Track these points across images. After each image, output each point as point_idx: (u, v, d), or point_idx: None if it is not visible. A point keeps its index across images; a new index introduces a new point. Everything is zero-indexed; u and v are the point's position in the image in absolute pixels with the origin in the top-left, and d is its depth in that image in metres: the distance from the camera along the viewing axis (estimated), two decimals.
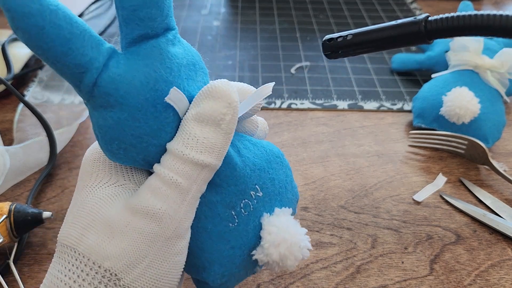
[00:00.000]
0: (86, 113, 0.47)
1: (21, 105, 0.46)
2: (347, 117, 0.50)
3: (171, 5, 0.20)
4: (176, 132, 0.21)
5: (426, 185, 0.41)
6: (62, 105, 0.49)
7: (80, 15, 0.68)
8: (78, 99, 0.50)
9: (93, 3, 0.71)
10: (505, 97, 0.46)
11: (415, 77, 0.56)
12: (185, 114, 0.21)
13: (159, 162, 0.21)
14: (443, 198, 0.40)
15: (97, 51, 0.18)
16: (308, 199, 0.39)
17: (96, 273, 0.19)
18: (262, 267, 0.26)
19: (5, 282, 0.31)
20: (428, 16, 0.22)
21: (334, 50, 0.24)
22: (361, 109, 0.51)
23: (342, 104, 0.51)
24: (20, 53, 0.53)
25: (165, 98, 0.19)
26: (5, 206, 0.32)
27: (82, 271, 0.19)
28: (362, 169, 0.43)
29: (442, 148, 0.45)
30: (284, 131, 0.47)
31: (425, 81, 0.50)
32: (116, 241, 0.19)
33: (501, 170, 0.40)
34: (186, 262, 0.23)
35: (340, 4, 0.76)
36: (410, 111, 0.51)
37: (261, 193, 0.24)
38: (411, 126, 0.48)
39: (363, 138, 0.46)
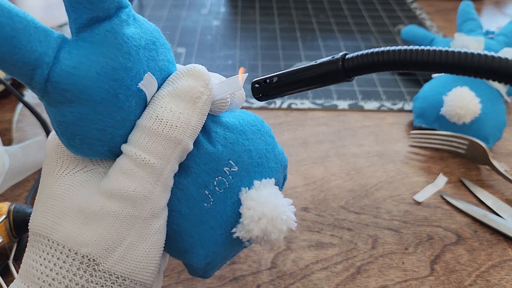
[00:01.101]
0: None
1: (20, 105, 0.46)
2: (347, 117, 0.50)
3: None
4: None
5: (426, 185, 0.41)
6: None
7: None
8: None
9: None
10: (506, 97, 0.46)
11: (415, 77, 0.56)
12: (153, 95, 0.20)
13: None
14: (444, 199, 0.39)
15: (46, 44, 0.16)
16: (308, 200, 0.39)
17: (73, 260, 0.19)
18: (250, 243, 0.25)
19: (5, 282, 0.31)
20: (345, 54, 0.22)
21: (263, 93, 0.25)
22: (361, 109, 0.51)
23: (343, 104, 0.51)
24: None
25: (139, 84, 0.19)
26: (5, 206, 0.32)
27: (58, 259, 0.19)
28: (363, 169, 0.42)
29: (443, 148, 0.45)
30: (284, 131, 0.47)
31: (426, 81, 0.50)
32: (91, 226, 0.19)
33: (502, 170, 0.40)
34: (167, 246, 0.22)
35: (340, 3, 0.76)
36: (410, 111, 0.50)
37: (236, 167, 0.23)
38: (411, 126, 0.48)
39: (363, 138, 0.46)
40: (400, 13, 0.73)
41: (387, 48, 0.20)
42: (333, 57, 0.22)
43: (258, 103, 0.51)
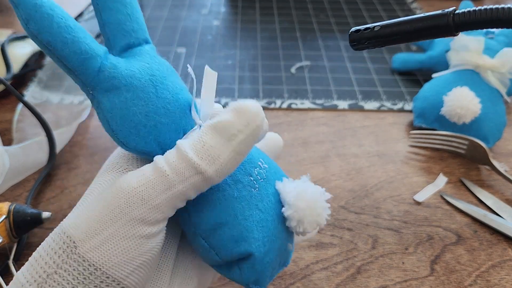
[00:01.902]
0: (86, 113, 0.47)
1: (20, 105, 0.46)
2: (347, 117, 0.50)
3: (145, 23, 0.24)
4: (183, 112, 0.22)
5: (426, 185, 0.41)
6: (61, 105, 0.49)
7: (80, 15, 0.68)
8: (77, 99, 0.50)
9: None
10: (506, 97, 0.46)
11: (415, 77, 0.56)
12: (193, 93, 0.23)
13: (170, 144, 0.21)
14: (444, 199, 0.39)
15: (96, 44, 0.20)
16: None
17: (60, 239, 0.19)
18: (293, 242, 0.26)
19: (5, 282, 0.31)
20: (455, 9, 0.22)
21: (360, 41, 0.25)
22: (361, 109, 0.51)
23: (343, 104, 0.51)
24: (20, 53, 0.52)
25: (188, 66, 0.23)
26: (5, 206, 0.32)
27: (52, 239, 0.19)
28: (363, 169, 0.42)
29: (443, 148, 0.45)
30: (284, 131, 0.47)
31: (426, 81, 0.50)
32: (84, 210, 0.19)
33: (502, 170, 0.40)
34: (223, 240, 0.22)
35: (340, 3, 0.76)
36: (410, 111, 0.50)
37: (266, 165, 0.25)
38: (411, 126, 0.48)
39: (363, 138, 0.46)
40: (400, 13, 0.73)
41: (498, 6, 0.20)
42: (443, 11, 0.22)
43: (258, 103, 0.51)
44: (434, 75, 0.48)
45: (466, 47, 0.46)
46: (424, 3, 0.77)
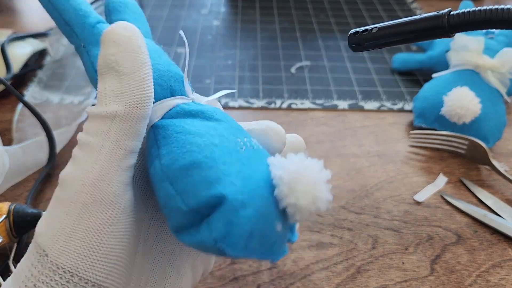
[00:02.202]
0: (85, 113, 0.47)
1: (20, 105, 0.46)
2: (347, 117, 0.50)
3: None
4: (173, 78, 0.23)
5: (426, 185, 0.41)
6: (61, 105, 0.49)
7: None
8: (77, 99, 0.50)
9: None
10: (506, 97, 0.46)
11: (415, 77, 0.56)
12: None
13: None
14: (444, 199, 0.39)
15: (94, 12, 0.24)
16: None
17: (34, 249, 0.18)
18: (284, 226, 0.20)
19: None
20: (450, 11, 0.22)
21: (359, 42, 0.25)
22: (361, 109, 0.51)
23: (343, 104, 0.51)
24: (20, 53, 0.52)
25: (180, 32, 0.24)
26: (5, 206, 0.32)
27: (29, 250, 0.18)
28: (363, 169, 0.42)
29: (443, 148, 0.45)
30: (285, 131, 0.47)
31: (426, 81, 0.50)
32: (47, 214, 0.19)
33: (502, 170, 0.40)
34: (194, 182, 0.18)
35: (340, 3, 0.76)
36: (410, 111, 0.50)
37: (255, 145, 0.21)
38: (411, 126, 0.48)
39: (363, 138, 0.46)
40: (400, 13, 0.73)
41: (492, 6, 0.21)
42: (438, 12, 0.23)
43: (258, 103, 0.51)
44: (434, 75, 0.48)
45: (466, 47, 0.46)
46: (424, 3, 0.77)
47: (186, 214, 0.18)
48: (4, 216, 0.31)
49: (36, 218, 0.32)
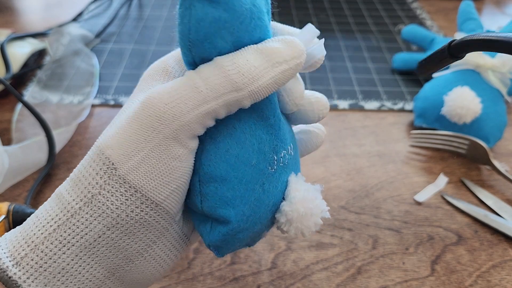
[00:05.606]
0: (85, 113, 0.47)
1: (19, 105, 0.46)
2: (348, 117, 0.49)
3: None
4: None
5: (427, 185, 0.41)
6: (60, 105, 0.49)
7: (80, 15, 0.67)
8: (77, 99, 0.50)
9: (92, 2, 0.71)
10: (507, 97, 0.46)
11: (416, 77, 0.56)
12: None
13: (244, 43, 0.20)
14: (444, 199, 0.39)
15: None
16: None
17: (99, 160, 0.19)
18: (269, 231, 0.25)
19: None
20: (453, 41, 0.26)
21: (421, 70, 0.33)
22: (362, 109, 0.51)
23: (343, 104, 0.51)
24: (19, 52, 0.52)
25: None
26: (4, 206, 0.32)
27: (92, 159, 0.20)
28: (363, 169, 0.42)
29: (444, 148, 0.45)
30: None
31: (426, 80, 0.50)
32: (120, 130, 0.19)
33: (502, 170, 0.40)
34: (215, 194, 0.21)
35: (340, 3, 0.76)
36: (411, 111, 0.50)
37: (292, 152, 0.24)
38: (412, 126, 0.48)
39: (364, 138, 0.46)
40: (401, 13, 0.73)
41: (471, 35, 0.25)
42: (444, 46, 0.27)
43: None
44: (434, 75, 0.48)
45: None
46: (425, 3, 0.76)
47: (198, 209, 0.22)
48: (3, 216, 0.31)
49: None
